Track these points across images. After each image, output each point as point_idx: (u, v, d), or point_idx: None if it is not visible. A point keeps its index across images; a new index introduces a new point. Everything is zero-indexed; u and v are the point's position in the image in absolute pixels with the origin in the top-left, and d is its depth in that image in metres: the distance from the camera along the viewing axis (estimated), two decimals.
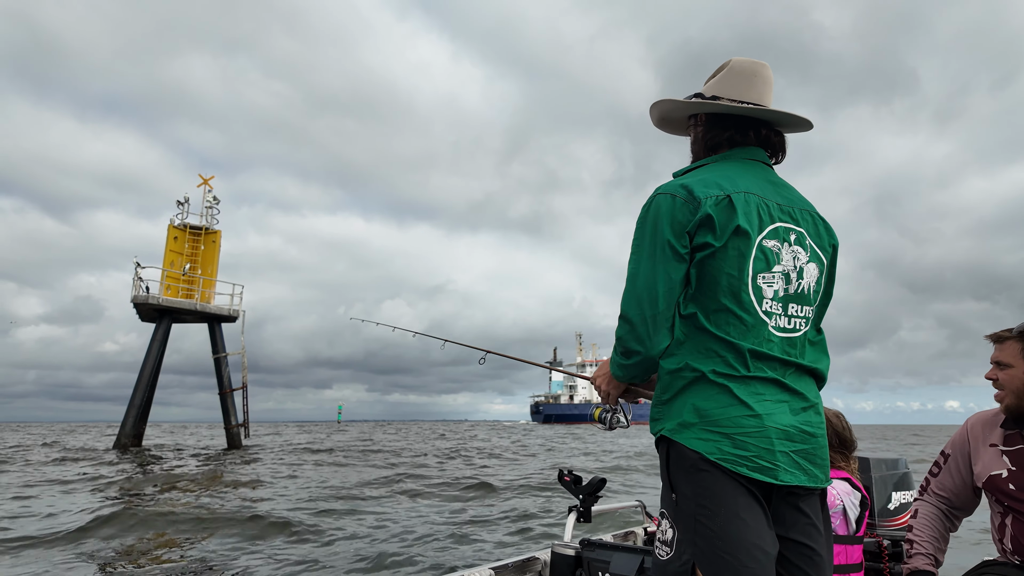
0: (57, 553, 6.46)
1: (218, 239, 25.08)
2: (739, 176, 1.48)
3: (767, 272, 1.42)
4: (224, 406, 23.96)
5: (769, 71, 1.60)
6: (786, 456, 1.33)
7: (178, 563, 6.06)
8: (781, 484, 1.33)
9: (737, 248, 1.39)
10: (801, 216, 1.51)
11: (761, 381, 1.38)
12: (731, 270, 1.39)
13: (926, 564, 2.12)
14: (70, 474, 14.09)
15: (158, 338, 22.97)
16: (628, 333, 1.43)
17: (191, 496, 10.54)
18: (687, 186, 1.44)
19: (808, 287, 1.48)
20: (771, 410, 1.35)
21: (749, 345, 1.38)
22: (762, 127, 1.59)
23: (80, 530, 7.50)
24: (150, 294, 22.42)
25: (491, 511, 9.14)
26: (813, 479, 1.38)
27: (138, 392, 22.49)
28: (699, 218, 1.39)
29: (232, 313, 24.17)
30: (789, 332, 1.44)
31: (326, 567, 6.05)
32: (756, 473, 1.30)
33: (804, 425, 1.38)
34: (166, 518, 8.32)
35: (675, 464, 1.38)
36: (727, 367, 1.37)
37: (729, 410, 1.34)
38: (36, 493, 10.88)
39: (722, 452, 1.31)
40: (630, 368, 1.48)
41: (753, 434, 1.32)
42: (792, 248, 1.46)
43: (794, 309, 1.45)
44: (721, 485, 1.30)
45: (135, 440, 22.54)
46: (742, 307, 1.39)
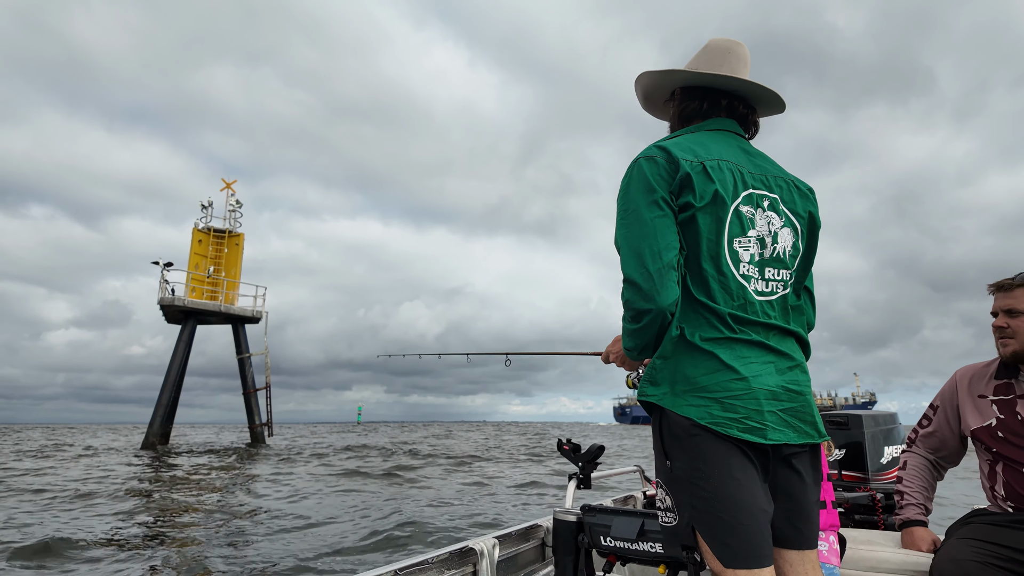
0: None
1: (241, 242, 25.50)
2: (712, 143, 1.50)
3: (742, 236, 1.44)
4: (248, 405, 24.35)
5: (744, 50, 1.62)
6: (774, 415, 1.35)
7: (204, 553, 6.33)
8: (771, 443, 1.33)
9: (714, 213, 1.41)
10: (775, 182, 1.52)
11: (745, 344, 1.39)
12: (710, 235, 1.41)
13: (917, 514, 2.18)
14: (104, 468, 14.53)
15: (183, 339, 23.42)
16: (635, 293, 1.38)
17: (214, 492, 10.85)
18: (664, 147, 1.46)
19: (784, 251, 1.49)
20: (757, 371, 1.37)
21: (729, 309, 1.40)
22: (733, 99, 1.61)
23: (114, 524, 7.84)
24: (176, 296, 22.90)
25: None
26: (803, 435, 1.39)
27: (165, 392, 22.95)
28: (680, 177, 1.41)
29: (255, 314, 24.56)
30: (767, 295, 1.46)
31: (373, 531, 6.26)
32: (746, 434, 1.31)
33: (790, 384, 1.40)
34: (190, 511, 8.63)
35: (667, 431, 1.39)
36: (712, 330, 1.39)
37: (716, 375, 1.35)
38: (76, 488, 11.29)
39: (712, 416, 1.32)
40: (643, 332, 1.41)
41: (742, 396, 1.33)
42: (766, 213, 1.48)
43: (771, 273, 1.46)
44: (714, 448, 1.32)
45: (163, 439, 23.02)
46: (720, 271, 1.41)
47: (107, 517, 7.89)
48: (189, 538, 6.67)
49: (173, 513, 8.23)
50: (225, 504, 9.04)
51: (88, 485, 11.21)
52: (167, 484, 11.35)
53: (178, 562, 5.66)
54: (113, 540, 6.53)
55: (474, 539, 1.93)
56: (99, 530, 7.04)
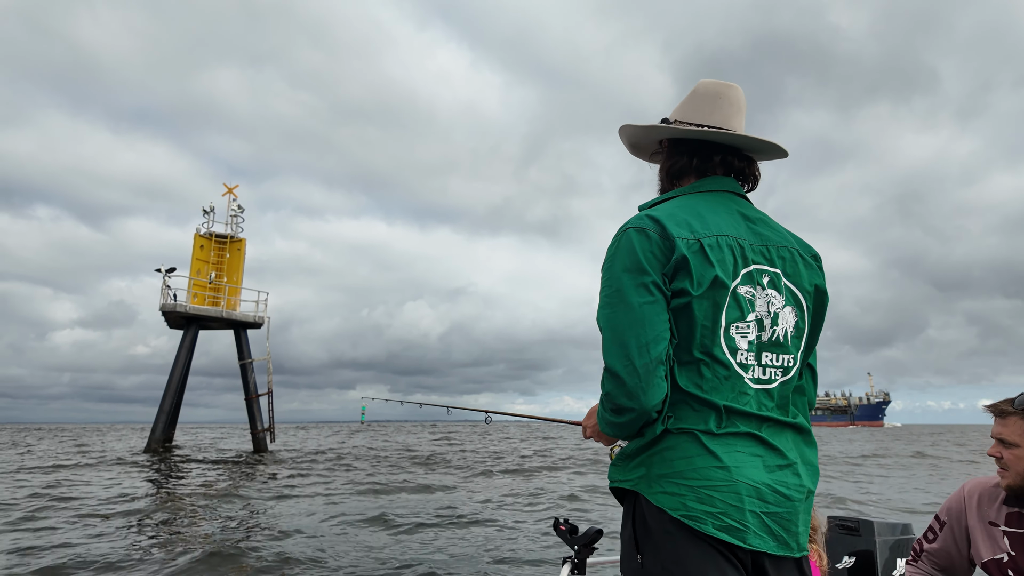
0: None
1: (243, 247, 25.48)
2: (709, 213, 1.36)
3: (740, 322, 1.30)
4: (250, 411, 24.33)
5: (738, 93, 1.47)
6: (756, 517, 1.20)
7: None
8: (749, 548, 1.19)
9: (712, 298, 1.27)
10: (777, 254, 1.38)
11: (733, 436, 1.25)
12: (705, 321, 1.27)
13: None
14: (108, 476, 14.51)
15: (186, 345, 23.44)
16: (616, 388, 1.24)
17: (214, 505, 10.81)
18: (657, 219, 1.31)
19: (785, 333, 1.34)
20: (741, 462, 1.22)
21: (723, 401, 1.26)
22: (727, 153, 1.46)
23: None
24: (177, 302, 22.90)
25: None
26: (784, 547, 1.23)
27: (167, 398, 22.97)
28: (675, 260, 1.27)
29: (257, 320, 24.56)
30: (764, 384, 1.31)
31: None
32: (723, 533, 1.17)
33: (779, 485, 1.24)
34: (191, 518, 8.58)
35: (640, 523, 1.26)
36: (699, 422, 1.25)
37: (695, 460, 1.22)
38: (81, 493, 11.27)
39: (686, 508, 1.19)
40: (623, 427, 1.28)
41: (720, 488, 1.19)
42: (766, 292, 1.34)
43: (768, 358, 1.32)
44: (687, 549, 1.18)
45: (165, 444, 23.04)
46: (716, 360, 1.27)
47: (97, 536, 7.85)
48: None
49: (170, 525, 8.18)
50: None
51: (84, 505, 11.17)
52: (167, 501, 11.30)
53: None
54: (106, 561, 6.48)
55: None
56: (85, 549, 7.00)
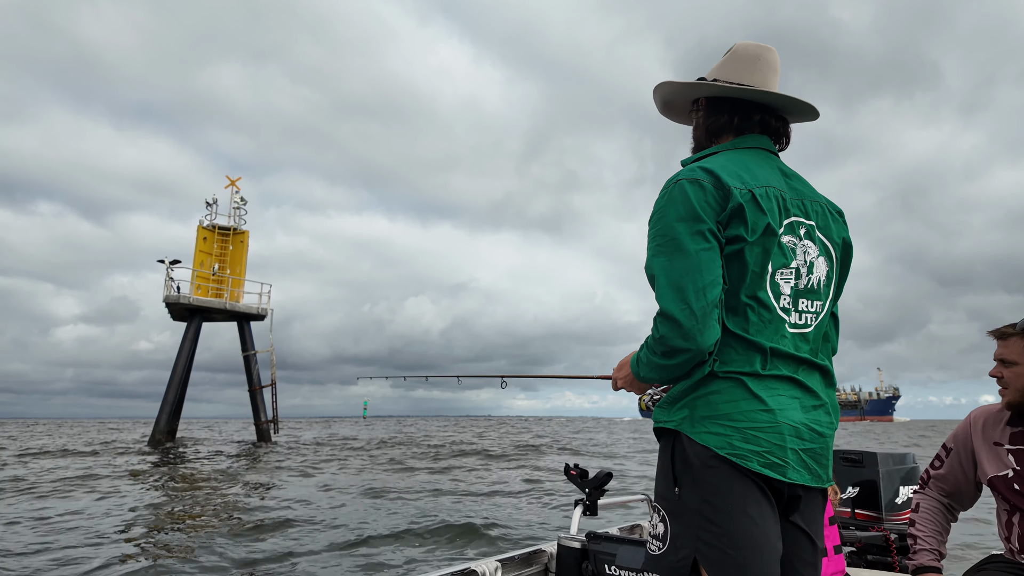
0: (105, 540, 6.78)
1: (246, 239, 25.56)
2: (755, 167, 1.42)
3: (785, 268, 1.37)
4: (254, 403, 24.44)
5: (775, 55, 1.53)
6: (795, 454, 1.29)
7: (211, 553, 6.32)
8: (788, 482, 1.28)
9: (763, 245, 1.34)
10: (811, 208, 1.45)
11: (776, 379, 1.33)
12: (755, 267, 1.33)
13: (930, 560, 2.11)
14: (113, 467, 14.60)
15: (189, 336, 23.51)
16: (672, 330, 1.28)
17: (222, 491, 10.87)
18: (711, 171, 1.35)
19: (819, 281, 1.43)
20: (784, 405, 1.31)
21: (769, 343, 1.33)
22: (765, 113, 1.52)
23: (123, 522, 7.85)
24: (181, 294, 22.97)
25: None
26: (816, 479, 1.35)
27: (171, 390, 23.05)
28: (731, 207, 1.32)
29: (260, 312, 24.63)
30: (801, 328, 1.40)
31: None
32: (767, 469, 1.26)
33: (814, 423, 1.35)
34: (196, 510, 8.63)
35: (680, 457, 1.33)
36: (744, 364, 1.32)
37: (741, 404, 1.29)
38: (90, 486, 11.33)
39: (732, 447, 1.26)
40: (673, 368, 1.33)
41: (765, 429, 1.27)
42: (803, 242, 1.41)
43: (804, 304, 1.41)
44: (730, 482, 1.26)
45: (169, 436, 23.13)
46: (762, 304, 1.34)
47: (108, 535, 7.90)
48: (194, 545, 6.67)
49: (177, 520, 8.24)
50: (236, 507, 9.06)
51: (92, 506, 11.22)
52: (175, 490, 11.37)
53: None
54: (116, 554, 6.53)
55: (476, 561, 1.90)
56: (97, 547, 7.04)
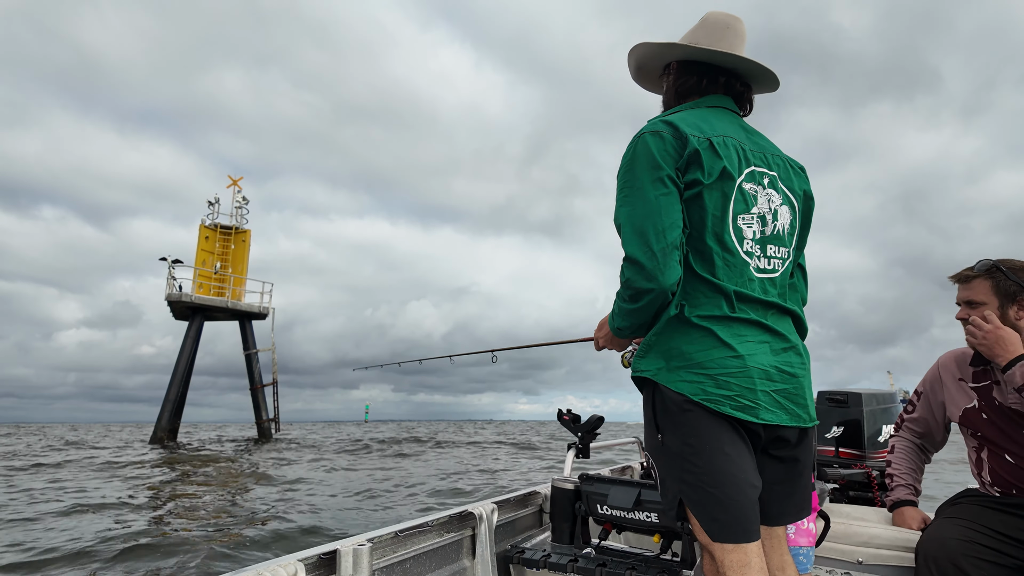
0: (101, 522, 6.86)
1: (247, 238, 25.66)
2: (715, 119, 1.50)
3: (746, 214, 1.43)
4: (255, 401, 24.50)
5: (742, 25, 1.61)
6: (767, 395, 1.35)
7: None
8: (762, 423, 1.34)
9: (721, 189, 1.40)
10: (773, 161, 1.53)
11: (743, 323, 1.39)
12: (715, 211, 1.40)
13: (907, 494, 2.25)
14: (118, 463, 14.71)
15: (191, 335, 23.56)
16: (636, 272, 1.35)
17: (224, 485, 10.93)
18: (670, 122, 1.43)
19: (783, 228, 1.50)
20: (753, 351, 1.37)
21: (733, 287, 1.39)
22: (731, 77, 1.60)
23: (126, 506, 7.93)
24: (183, 292, 23.04)
25: None
26: (795, 418, 1.39)
27: (173, 387, 23.08)
28: (688, 154, 1.39)
29: (262, 311, 24.71)
30: (768, 273, 1.46)
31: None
32: (739, 412, 1.32)
33: (784, 365, 1.40)
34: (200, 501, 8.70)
35: (660, 406, 1.40)
36: (712, 308, 1.38)
37: (712, 352, 1.35)
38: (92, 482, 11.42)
39: (706, 393, 1.33)
40: (642, 312, 1.39)
41: (735, 374, 1.33)
42: (766, 191, 1.48)
43: (772, 250, 1.47)
44: (706, 423, 1.32)
45: (170, 434, 23.16)
46: (725, 248, 1.40)
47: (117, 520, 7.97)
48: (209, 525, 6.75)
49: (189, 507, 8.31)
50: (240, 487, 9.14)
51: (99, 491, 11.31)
52: (180, 478, 11.45)
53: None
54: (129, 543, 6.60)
55: (473, 504, 1.96)
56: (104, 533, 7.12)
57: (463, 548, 1.90)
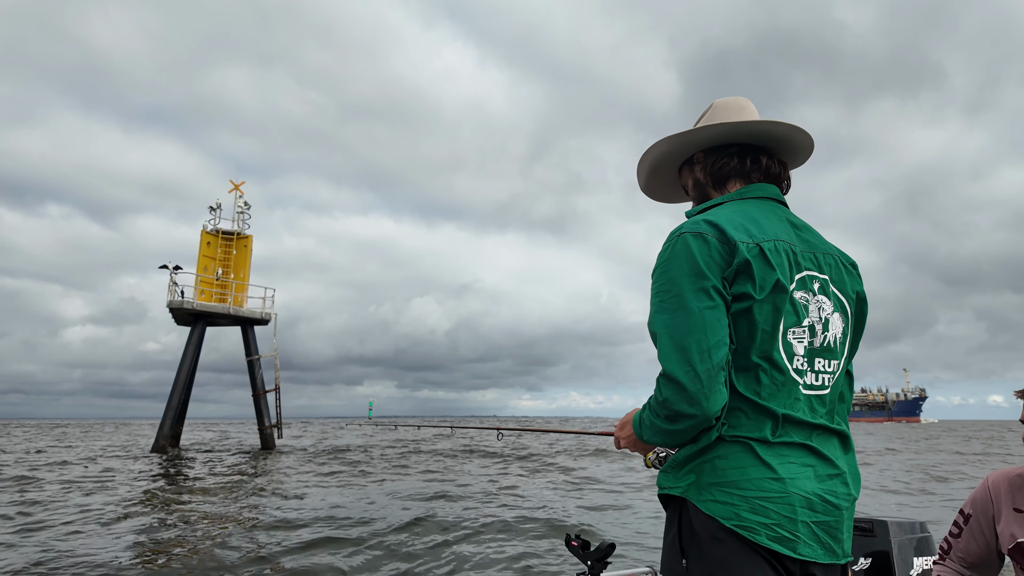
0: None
1: (250, 243, 25.50)
2: (763, 219, 1.35)
3: (797, 327, 1.29)
4: (257, 407, 24.38)
5: (753, 106, 1.50)
6: (807, 527, 1.21)
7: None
8: (799, 558, 1.20)
9: (773, 303, 1.26)
10: (824, 261, 1.38)
11: (787, 445, 1.25)
12: (766, 326, 1.25)
13: None
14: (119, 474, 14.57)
15: (193, 342, 23.48)
16: (676, 394, 1.20)
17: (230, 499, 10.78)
18: (717, 224, 1.28)
19: (835, 339, 1.34)
20: (795, 474, 1.23)
21: (782, 409, 1.25)
22: (767, 156, 1.47)
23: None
24: (185, 299, 22.95)
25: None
26: (831, 555, 1.25)
27: (174, 395, 23.00)
28: (737, 263, 1.25)
29: (264, 316, 24.59)
30: (817, 390, 1.31)
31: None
32: (775, 544, 1.18)
33: (828, 495, 1.25)
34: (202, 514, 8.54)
35: (687, 529, 1.26)
36: (754, 430, 1.24)
37: (749, 471, 1.22)
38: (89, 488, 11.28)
39: (740, 518, 1.19)
40: (678, 434, 1.24)
41: (775, 499, 1.20)
42: (817, 298, 1.33)
43: (821, 364, 1.32)
44: (737, 558, 1.19)
45: (173, 441, 23.10)
46: (774, 366, 1.26)
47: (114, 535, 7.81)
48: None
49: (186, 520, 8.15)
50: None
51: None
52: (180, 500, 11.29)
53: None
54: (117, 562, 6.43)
55: None
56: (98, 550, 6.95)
57: None
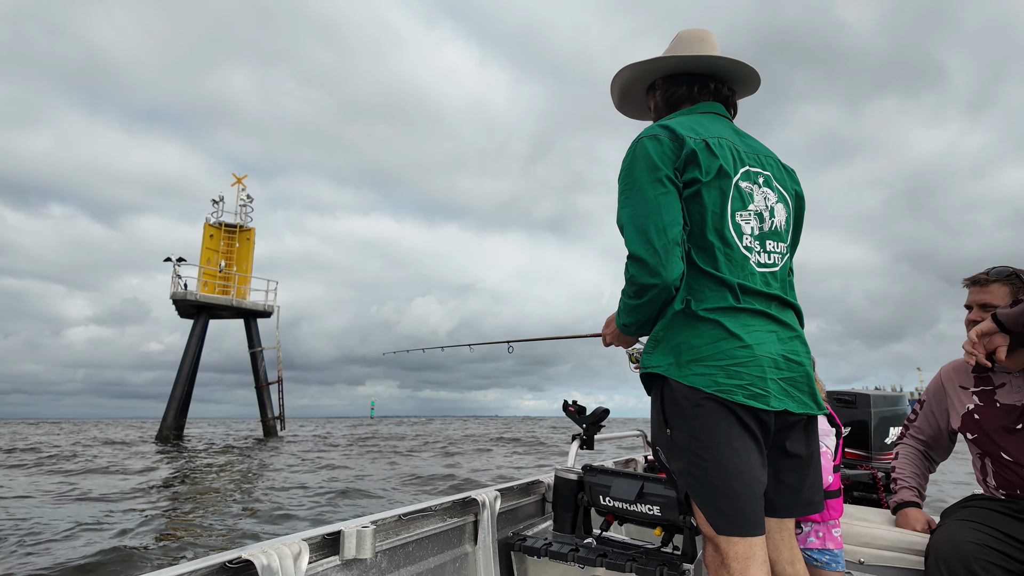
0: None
1: (252, 236, 25.70)
2: (709, 123, 1.56)
3: (743, 211, 1.49)
4: (260, 399, 24.60)
5: (714, 36, 1.69)
6: (776, 383, 1.38)
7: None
8: (772, 410, 1.36)
9: (719, 187, 1.46)
10: (766, 161, 1.60)
11: (749, 313, 1.43)
12: (714, 208, 1.45)
13: (911, 496, 2.24)
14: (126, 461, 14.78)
15: (196, 333, 23.67)
16: (640, 269, 1.40)
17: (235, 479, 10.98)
18: (667, 127, 1.50)
19: (779, 224, 1.55)
20: (761, 340, 1.40)
21: (736, 279, 1.43)
22: (717, 82, 1.68)
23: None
24: (188, 291, 23.13)
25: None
26: (801, 405, 1.42)
27: (178, 385, 23.20)
28: (685, 154, 1.45)
29: (267, 309, 24.80)
30: (768, 267, 1.51)
31: None
32: (751, 400, 1.34)
33: (790, 354, 1.43)
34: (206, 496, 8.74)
35: (669, 400, 1.42)
36: (718, 300, 1.42)
37: (721, 343, 1.38)
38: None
39: (717, 384, 1.35)
40: (646, 307, 1.44)
41: (746, 363, 1.36)
42: (762, 189, 1.54)
43: (771, 245, 1.52)
44: (715, 418, 1.34)
45: (176, 432, 23.27)
46: (725, 243, 1.45)
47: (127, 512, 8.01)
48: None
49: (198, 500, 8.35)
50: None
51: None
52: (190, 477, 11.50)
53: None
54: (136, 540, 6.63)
55: (477, 491, 1.98)
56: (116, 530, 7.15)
57: (465, 534, 1.92)
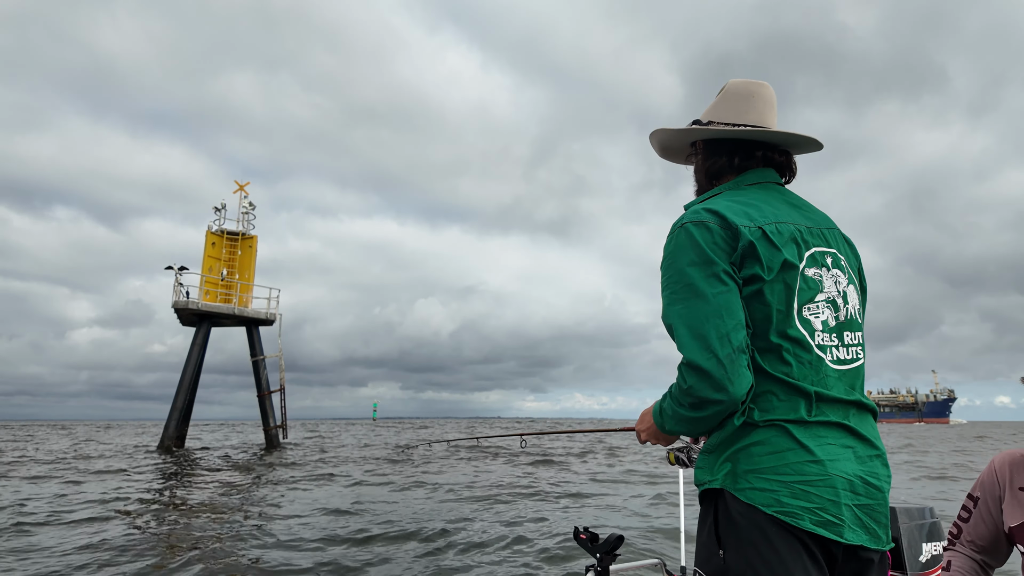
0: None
1: (254, 244, 25.55)
2: (762, 203, 1.35)
3: (812, 303, 1.28)
4: (263, 408, 24.41)
5: (769, 90, 1.47)
6: (851, 511, 1.17)
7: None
8: (844, 542, 1.16)
9: (783, 280, 1.26)
10: (831, 236, 1.38)
11: (824, 425, 1.22)
12: (779, 305, 1.25)
13: None
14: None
15: (198, 342, 23.53)
16: (700, 381, 1.18)
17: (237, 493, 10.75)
18: (716, 211, 1.29)
19: (854, 312, 1.34)
20: (835, 455, 1.19)
21: (813, 387, 1.23)
22: (768, 149, 1.46)
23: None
24: (190, 299, 22.99)
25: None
26: (876, 540, 1.21)
27: (180, 396, 23.05)
28: (742, 247, 1.25)
29: (269, 317, 24.62)
30: (848, 364, 1.30)
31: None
32: (820, 528, 1.14)
33: (870, 476, 1.22)
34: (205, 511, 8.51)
35: (724, 518, 1.22)
36: (788, 411, 1.21)
37: (787, 455, 1.18)
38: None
39: (780, 504, 1.15)
40: (704, 421, 1.23)
41: (816, 483, 1.16)
42: (831, 272, 1.33)
43: (849, 337, 1.31)
44: (778, 545, 1.14)
45: (178, 442, 23.12)
46: (796, 343, 1.25)
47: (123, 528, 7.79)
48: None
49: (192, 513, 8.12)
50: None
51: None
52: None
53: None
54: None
55: None
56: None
57: None
